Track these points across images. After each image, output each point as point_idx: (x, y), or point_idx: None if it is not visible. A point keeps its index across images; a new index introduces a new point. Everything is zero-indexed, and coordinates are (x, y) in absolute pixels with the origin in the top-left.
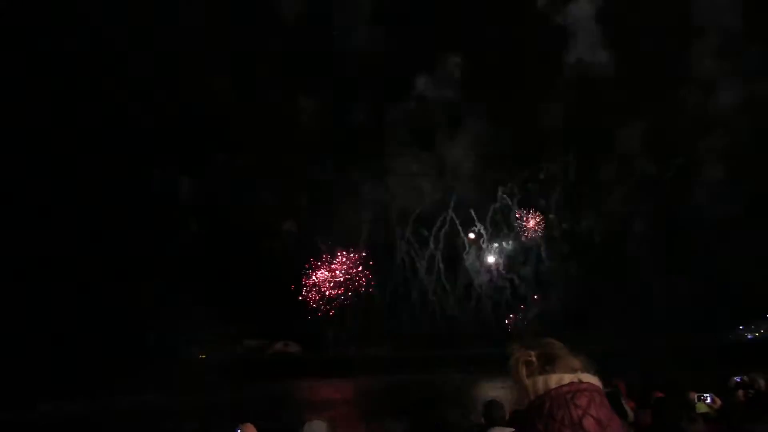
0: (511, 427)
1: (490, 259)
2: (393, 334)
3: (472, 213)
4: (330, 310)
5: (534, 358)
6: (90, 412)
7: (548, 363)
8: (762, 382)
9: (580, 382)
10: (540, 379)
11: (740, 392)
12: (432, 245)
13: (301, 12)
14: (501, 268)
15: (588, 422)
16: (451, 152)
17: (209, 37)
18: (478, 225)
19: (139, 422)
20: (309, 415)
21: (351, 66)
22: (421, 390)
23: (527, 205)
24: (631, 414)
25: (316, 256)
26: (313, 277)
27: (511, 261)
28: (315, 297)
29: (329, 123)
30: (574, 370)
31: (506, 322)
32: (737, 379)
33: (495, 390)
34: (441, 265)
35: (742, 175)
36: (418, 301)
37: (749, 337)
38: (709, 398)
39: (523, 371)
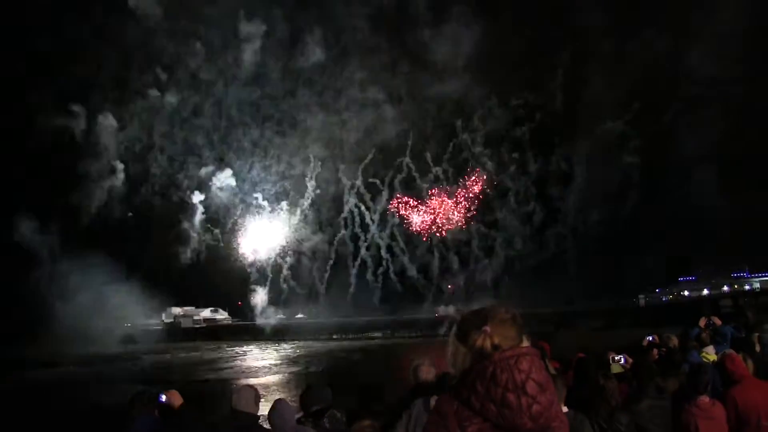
0: (438, 389)
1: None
2: (334, 299)
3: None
4: (263, 273)
5: (476, 322)
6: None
7: (490, 327)
8: (675, 341)
9: (521, 346)
10: (482, 343)
11: (654, 351)
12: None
13: None
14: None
15: (531, 386)
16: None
17: None
18: (435, 169)
19: (60, 393)
20: (237, 381)
21: None
22: (350, 355)
23: (493, 141)
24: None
25: (252, 210)
26: (245, 237)
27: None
28: (248, 259)
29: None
30: (513, 336)
31: (449, 287)
32: (649, 338)
33: (428, 353)
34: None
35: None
36: (370, 259)
37: (664, 299)
38: (622, 359)
39: (465, 335)
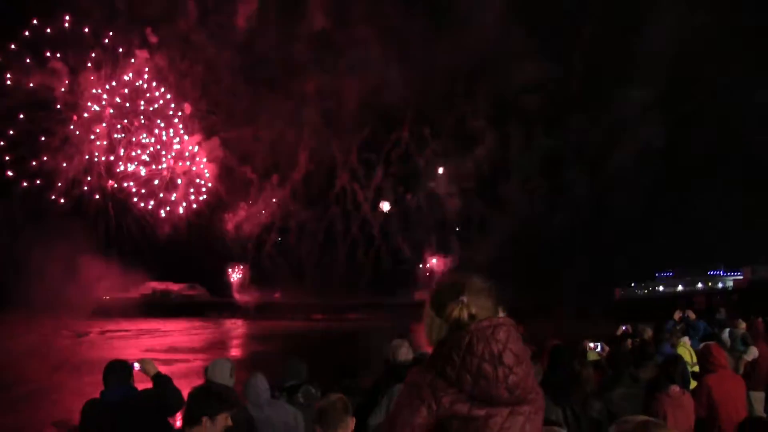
0: (415, 366)
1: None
2: (321, 278)
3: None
4: (246, 249)
5: (452, 293)
6: None
7: (467, 298)
8: (649, 332)
9: (498, 316)
10: (459, 314)
11: (629, 341)
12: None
13: None
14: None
15: (507, 356)
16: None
17: None
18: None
19: None
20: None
21: None
22: (329, 335)
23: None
24: None
25: (240, 186)
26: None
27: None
28: (232, 235)
29: None
30: (489, 307)
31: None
32: (623, 327)
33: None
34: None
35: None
36: (361, 239)
37: (639, 293)
38: (599, 347)
39: (441, 305)
